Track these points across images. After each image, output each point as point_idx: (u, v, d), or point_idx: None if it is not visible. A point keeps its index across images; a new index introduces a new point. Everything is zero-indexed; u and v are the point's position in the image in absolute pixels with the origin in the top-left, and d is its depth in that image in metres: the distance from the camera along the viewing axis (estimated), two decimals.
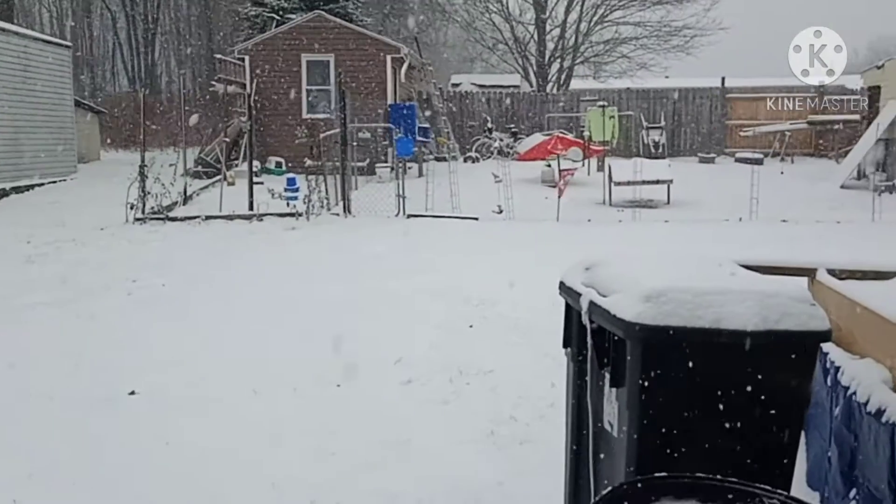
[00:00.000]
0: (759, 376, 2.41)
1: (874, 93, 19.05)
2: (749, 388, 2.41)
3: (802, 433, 2.88)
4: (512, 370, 5.58)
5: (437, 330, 6.62)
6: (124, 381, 5.28)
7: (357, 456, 4.17)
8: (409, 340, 6.29)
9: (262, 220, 12.96)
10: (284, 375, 5.43)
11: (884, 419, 2.76)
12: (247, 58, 19.29)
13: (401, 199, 13.46)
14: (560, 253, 10.28)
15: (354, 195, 14.03)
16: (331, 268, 9.22)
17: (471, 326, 6.74)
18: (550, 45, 31.62)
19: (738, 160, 21.40)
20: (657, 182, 14.93)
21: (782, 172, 18.70)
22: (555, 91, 29.01)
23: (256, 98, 18.79)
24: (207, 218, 12.93)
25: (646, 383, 2.36)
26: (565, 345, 2.82)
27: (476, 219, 13.06)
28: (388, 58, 19.23)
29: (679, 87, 24.19)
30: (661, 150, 21.66)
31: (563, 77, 31.70)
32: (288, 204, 13.25)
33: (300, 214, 12.94)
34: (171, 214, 13.10)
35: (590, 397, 2.63)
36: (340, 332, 6.55)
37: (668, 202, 15.32)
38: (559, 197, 13.48)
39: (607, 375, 2.60)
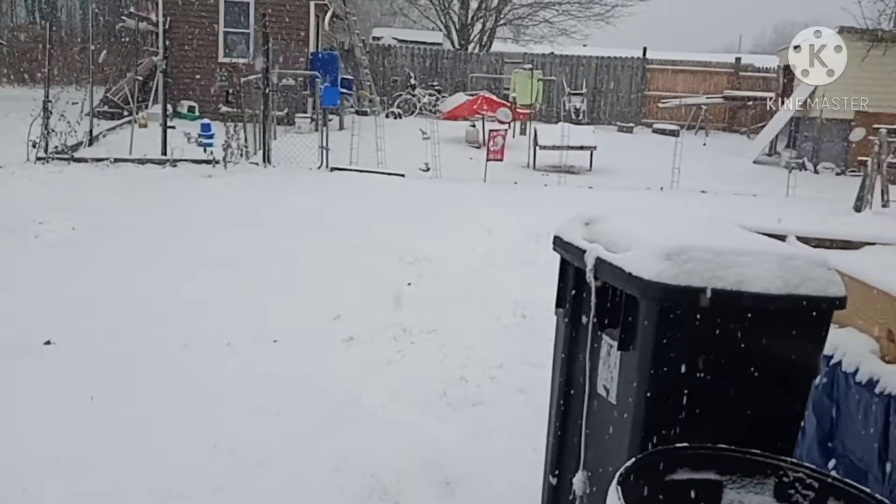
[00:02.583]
0: (775, 343, 2.27)
1: (788, 71, 19.54)
2: (763, 355, 2.27)
3: None
4: (455, 329, 5.40)
5: (373, 287, 6.36)
6: (39, 330, 4.83)
7: (304, 417, 3.90)
8: (345, 297, 6.01)
9: (175, 165, 12.30)
10: (215, 330, 5.08)
11: (877, 390, 2.69)
12: None
13: (324, 152, 13.01)
14: (492, 213, 10.23)
15: (274, 145, 13.47)
16: (253, 219, 8.78)
17: (409, 284, 6.51)
18: (474, 5, 31.22)
19: (656, 131, 21.72)
20: (581, 148, 14.93)
21: (704, 144, 19.08)
22: (476, 51, 28.70)
23: (169, 38, 17.80)
24: (116, 160, 12.16)
25: (660, 347, 2.19)
26: (559, 304, 2.61)
27: (402, 175, 12.76)
28: (312, 4, 18.49)
29: (601, 55, 24.29)
30: (581, 116, 21.75)
31: (485, 38, 31.40)
32: (205, 150, 12.60)
33: (217, 162, 12.33)
34: (76, 155, 12.26)
35: (588, 360, 2.44)
36: (271, 287, 6.24)
37: (591, 169, 15.37)
38: (494, 160, 13.26)
39: (605, 338, 2.42)
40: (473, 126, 17.79)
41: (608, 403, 2.40)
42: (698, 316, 2.19)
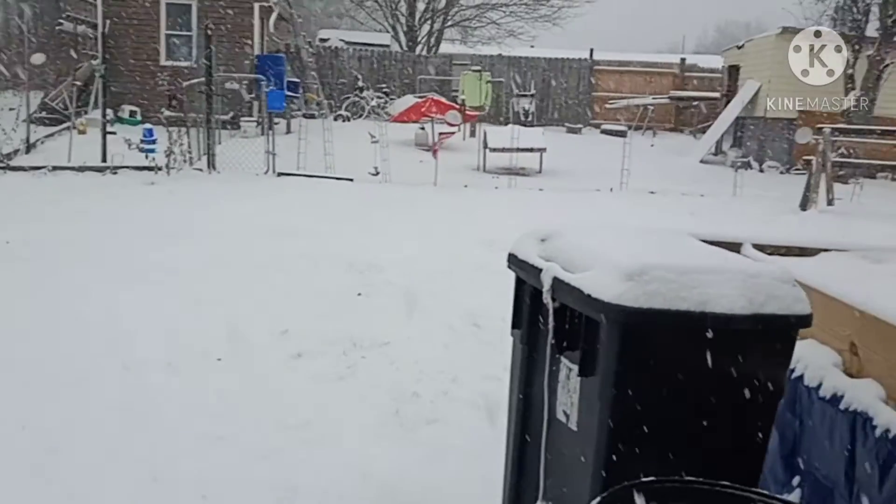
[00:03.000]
0: (740, 364, 2.18)
1: (733, 72, 19.83)
2: (729, 378, 2.18)
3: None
4: (408, 341, 5.25)
5: (323, 298, 6.18)
6: None
7: (249, 442, 3.71)
8: (293, 310, 5.82)
9: (116, 173, 11.93)
10: (155, 349, 4.85)
11: (842, 406, 2.62)
12: None
13: (270, 157, 12.74)
14: (444, 218, 10.10)
15: (219, 150, 13.16)
16: (196, 228, 8.50)
17: (359, 294, 6.35)
18: (421, 6, 31.10)
19: (604, 132, 21.85)
20: (531, 150, 14.91)
21: (652, 145, 19.23)
22: (425, 53, 28.58)
23: (109, 41, 17.31)
24: (55, 168, 11.75)
25: (621, 372, 2.08)
26: (515, 325, 2.49)
27: (351, 180, 12.57)
28: (256, 6, 18.15)
29: (548, 56, 24.37)
30: (530, 118, 21.75)
31: (432, 40, 31.30)
32: (147, 157, 12.24)
33: (160, 168, 12.00)
34: (12, 163, 11.82)
35: (546, 385, 2.32)
36: (214, 300, 6.02)
37: (541, 171, 15.35)
38: (434, 157, 13.16)
39: (564, 361, 2.31)
40: (423, 129, 17.65)
41: (568, 430, 2.29)
42: (661, 339, 2.09)
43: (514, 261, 2.43)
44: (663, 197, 12.77)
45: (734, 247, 3.76)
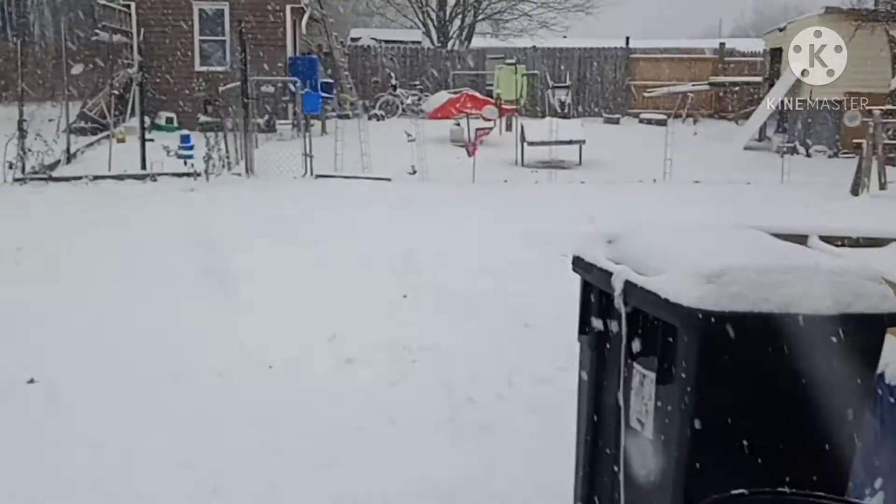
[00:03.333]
0: (827, 367, 2.06)
1: (775, 55, 19.40)
2: (816, 382, 2.05)
3: None
4: (457, 345, 5.16)
5: (369, 301, 6.12)
6: (22, 368, 4.56)
7: (307, 450, 3.65)
8: (340, 314, 5.77)
9: (156, 180, 12.00)
10: (206, 358, 4.83)
11: None
12: (132, 5, 17.85)
13: (307, 159, 12.73)
14: (484, 216, 9.99)
15: (256, 154, 13.18)
16: (239, 233, 8.49)
17: (404, 296, 6.27)
18: (451, 1, 30.97)
19: (643, 121, 21.54)
20: (570, 142, 14.71)
21: (696, 133, 18.89)
22: (457, 48, 28.44)
23: (144, 49, 17.46)
24: (96, 178, 11.85)
25: (704, 378, 1.97)
26: (582, 331, 2.38)
27: (389, 179, 12.50)
28: (288, 8, 18.18)
29: (583, 46, 24.08)
30: (566, 109, 21.51)
31: (464, 34, 31.15)
32: (185, 163, 12.30)
33: (199, 174, 12.03)
34: (54, 174, 11.95)
35: (621, 393, 2.21)
36: (260, 305, 5.99)
37: (580, 163, 15.14)
38: (470, 155, 13.06)
39: (637, 367, 2.20)
40: (458, 125, 17.52)
41: (643, 438, 2.18)
42: (744, 343, 1.97)
43: (580, 264, 2.33)
44: (708, 187, 12.49)
45: (800, 239, 3.62)
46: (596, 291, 2.28)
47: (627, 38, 23.79)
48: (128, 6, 17.96)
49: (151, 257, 7.39)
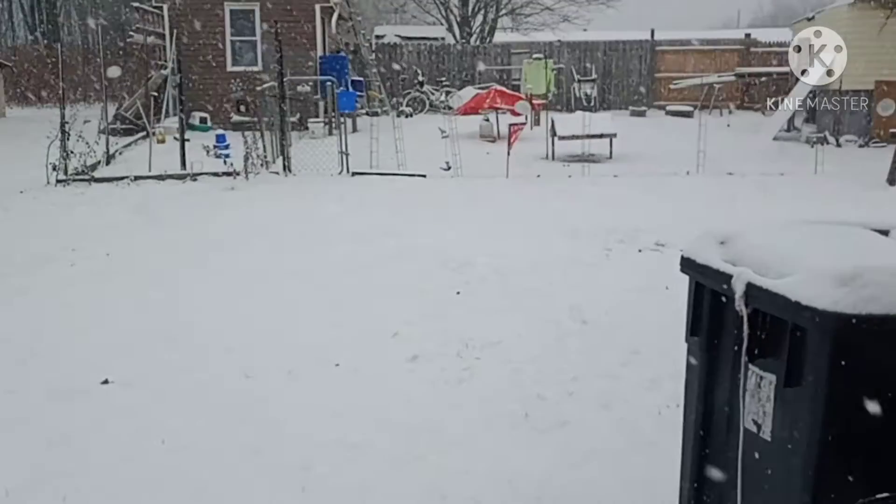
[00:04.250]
0: None
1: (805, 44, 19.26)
2: None
3: None
4: (518, 340, 5.23)
5: (424, 297, 6.20)
6: (93, 369, 4.68)
7: (385, 448, 3.73)
8: (397, 311, 5.85)
9: (196, 179, 12.14)
10: (273, 356, 4.92)
11: None
12: (165, 6, 18.02)
13: (344, 157, 12.83)
14: (523, 210, 10.04)
15: (292, 152, 13.29)
16: (284, 232, 8.60)
17: (458, 293, 6.34)
18: None
19: (669, 113, 21.47)
20: (602, 136, 14.71)
21: (728, 125, 18.80)
22: (478, 43, 28.45)
23: (177, 49, 17.62)
24: (137, 178, 12.01)
25: (836, 383, 1.98)
26: (693, 333, 2.42)
27: (424, 176, 12.57)
28: (318, 7, 18.28)
29: (609, 39, 24.02)
30: (592, 102, 21.49)
31: (486, 29, 31.17)
32: (224, 162, 12.43)
33: (238, 174, 12.16)
34: (96, 175, 12.12)
35: (741, 395, 2.24)
36: (318, 303, 6.08)
37: (611, 156, 15.14)
38: (510, 151, 13.10)
39: (754, 368, 2.22)
40: (487, 120, 17.59)
41: (760, 440, 2.22)
42: (879, 346, 2.00)
43: (690, 265, 2.37)
44: (743, 178, 12.46)
45: (883, 233, 3.63)
46: (708, 292, 2.32)
47: (653, 31, 23.70)
48: (160, 8, 18.13)
49: (204, 258, 7.50)
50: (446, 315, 5.78)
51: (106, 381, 4.57)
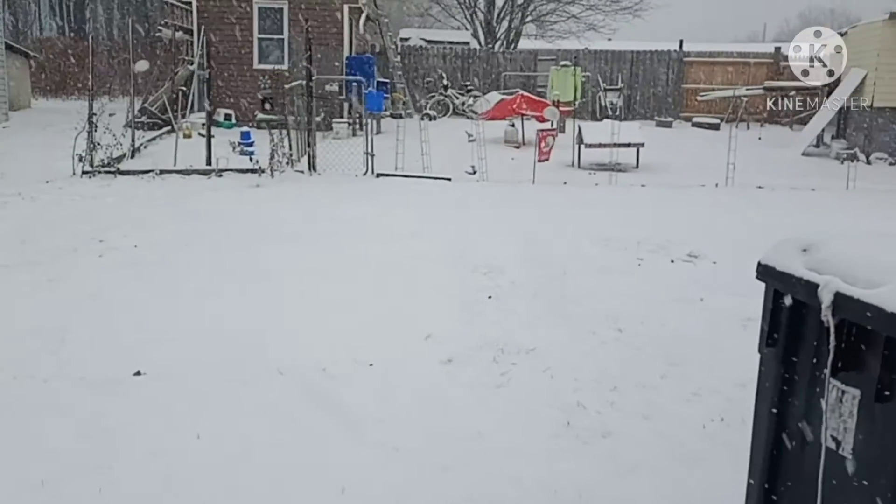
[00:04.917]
0: None
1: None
2: None
3: None
4: (554, 347, 5.12)
5: (454, 301, 6.11)
6: (125, 359, 4.61)
7: (426, 453, 3.63)
8: (428, 313, 5.76)
9: (221, 175, 12.11)
10: (306, 354, 4.84)
11: None
12: (194, 2, 18.05)
13: (369, 157, 12.77)
14: (552, 217, 9.94)
15: (317, 151, 13.24)
16: (312, 231, 8.53)
17: (490, 297, 6.24)
18: (500, 3, 30.95)
19: (695, 125, 21.31)
20: (629, 145, 14.60)
21: (760, 138, 18.65)
22: (507, 50, 28.38)
23: (206, 45, 17.64)
24: (162, 172, 12.00)
25: None
26: (768, 343, 2.32)
27: (449, 179, 12.50)
28: (346, 7, 18.26)
29: (636, 49, 23.89)
30: (617, 112, 21.36)
31: (511, 35, 31.11)
32: (250, 159, 12.40)
33: (263, 171, 12.12)
34: (121, 167, 12.12)
35: (824, 409, 2.13)
36: (348, 303, 6.00)
37: (637, 166, 15.02)
38: (543, 160, 13.02)
39: (835, 382, 2.11)
40: (513, 125, 17.52)
41: (839, 457, 2.12)
42: None
43: (770, 273, 2.27)
44: (772, 192, 12.32)
45: None
46: (787, 301, 2.22)
47: (681, 42, 23.55)
48: (189, 3, 18.16)
49: (232, 254, 7.44)
50: (477, 319, 5.69)
51: (138, 373, 4.51)
